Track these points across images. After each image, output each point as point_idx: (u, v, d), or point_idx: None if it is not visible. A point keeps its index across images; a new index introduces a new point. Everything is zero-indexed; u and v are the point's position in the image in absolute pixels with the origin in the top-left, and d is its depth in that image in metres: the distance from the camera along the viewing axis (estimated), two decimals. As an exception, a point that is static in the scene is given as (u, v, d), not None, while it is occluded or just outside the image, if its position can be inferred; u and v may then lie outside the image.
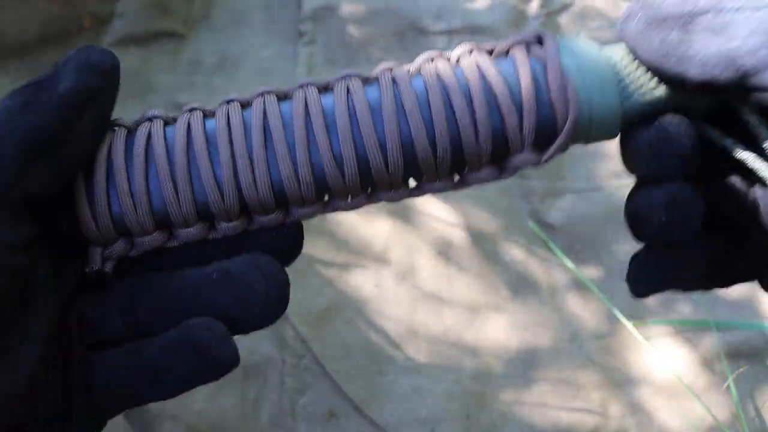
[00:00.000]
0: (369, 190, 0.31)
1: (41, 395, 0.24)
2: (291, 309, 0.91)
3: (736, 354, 0.86)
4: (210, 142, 0.27)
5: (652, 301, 0.93)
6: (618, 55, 0.27)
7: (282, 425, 0.82)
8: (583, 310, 0.93)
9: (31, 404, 0.23)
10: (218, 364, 0.28)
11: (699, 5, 0.22)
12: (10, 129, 0.23)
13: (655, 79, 0.26)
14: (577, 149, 1.19)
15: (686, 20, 0.22)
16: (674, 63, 0.23)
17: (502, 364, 0.88)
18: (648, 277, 0.27)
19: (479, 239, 1.00)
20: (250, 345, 0.88)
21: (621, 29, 0.25)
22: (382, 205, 1.11)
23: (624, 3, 1.34)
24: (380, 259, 0.99)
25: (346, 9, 1.33)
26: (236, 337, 0.99)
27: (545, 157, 0.28)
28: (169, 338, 0.28)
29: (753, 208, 0.26)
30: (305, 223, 0.32)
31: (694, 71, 0.22)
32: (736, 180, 0.27)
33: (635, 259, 0.28)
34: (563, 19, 1.32)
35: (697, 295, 0.91)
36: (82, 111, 0.24)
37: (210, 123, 0.28)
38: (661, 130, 0.25)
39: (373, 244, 1.00)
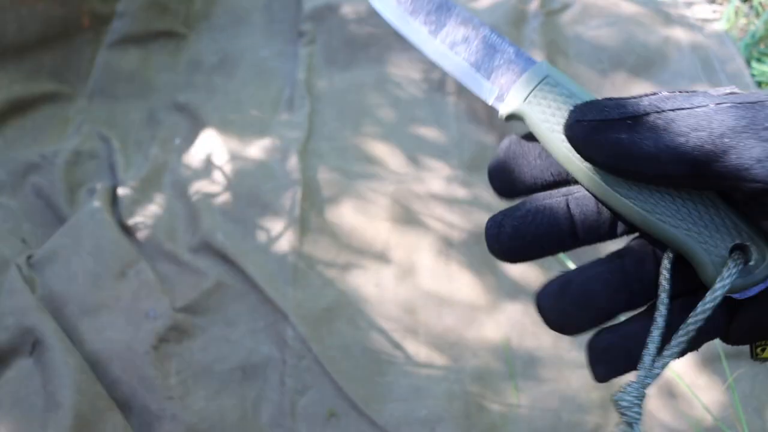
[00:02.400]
0: None
1: None
2: (291, 309, 0.91)
3: (736, 354, 0.86)
4: None
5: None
6: None
7: (282, 425, 0.82)
8: (583, 310, 0.93)
9: None
10: None
11: (641, 107, 0.24)
12: None
13: None
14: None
15: (632, 122, 0.24)
16: (628, 162, 0.25)
17: (502, 364, 0.88)
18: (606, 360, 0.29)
19: (479, 239, 1.00)
20: (250, 345, 0.88)
21: (569, 137, 0.26)
22: (382, 205, 1.11)
23: (624, 3, 1.34)
24: (380, 260, 0.99)
25: (346, 9, 1.33)
26: (236, 338, 0.99)
27: None
28: None
29: None
30: (306, 223, 0.32)
31: (648, 168, 0.24)
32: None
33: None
34: (563, 19, 1.32)
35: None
36: None
37: None
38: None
39: (373, 244, 1.00)
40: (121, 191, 1.05)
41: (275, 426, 0.82)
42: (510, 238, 0.28)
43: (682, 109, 0.24)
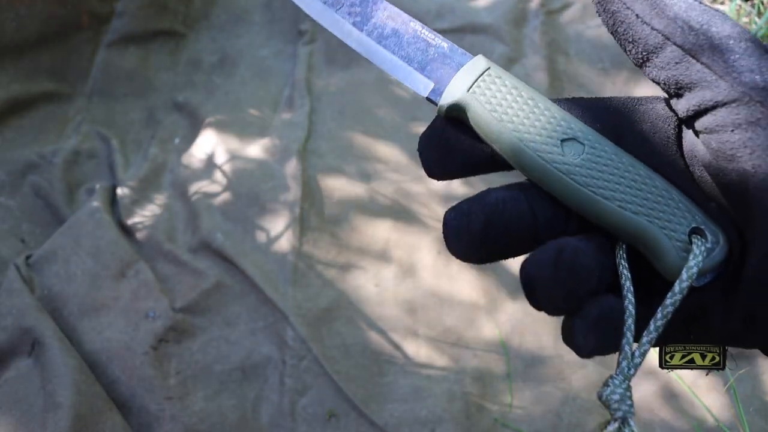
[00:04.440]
0: None
1: None
2: (291, 309, 0.90)
3: (736, 355, 0.86)
4: None
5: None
6: None
7: (282, 426, 0.82)
8: (584, 310, 0.92)
9: None
10: None
11: None
12: None
13: None
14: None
15: None
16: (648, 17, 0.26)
17: (502, 364, 0.88)
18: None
19: (479, 239, 1.00)
20: (250, 345, 0.88)
21: None
22: (382, 205, 1.11)
23: (624, 2, 1.34)
24: (380, 260, 0.99)
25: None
26: (236, 338, 0.99)
27: None
28: None
29: None
30: (306, 223, 0.31)
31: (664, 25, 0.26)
32: None
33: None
34: (564, 18, 1.32)
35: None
36: None
37: None
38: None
39: (373, 244, 1.00)
40: (121, 191, 1.04)
41: (275, 426, 0.82)
42: (482, 230, 0.27)
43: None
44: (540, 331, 0.91)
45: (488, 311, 0.93)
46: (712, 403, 0.84)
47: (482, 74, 0.29)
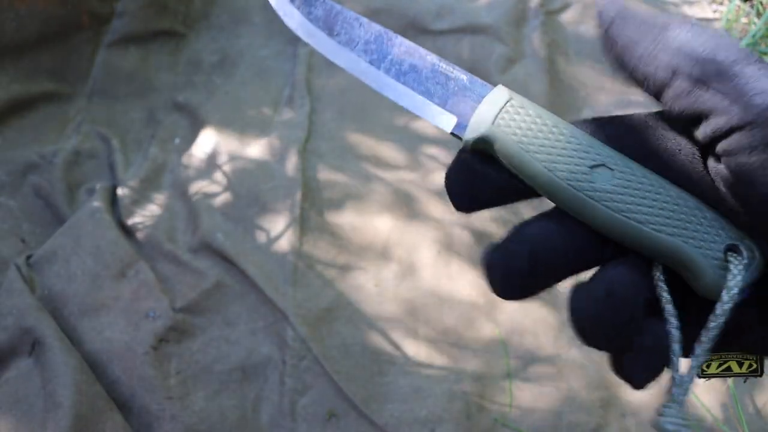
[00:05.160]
0: None
1: None
2: (291, 309, 0.90)
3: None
4: None
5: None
6: None
7: (282, 426, 0.82)
8: (584, 310, 0.93)
9: None
10: None
11: (669, 21, 0.26)
12: None
13: None
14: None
15: (663, 28, 0.26)
16: (626, 58, 0.27)
17: (502, 364, 0.88)
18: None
19: (480, 239, 1.00)
20: (250, 345, 0.88)
21: (601, 18, 0.28)
22: (382, 205, 1.11)
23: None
24: (381, 260, 0.99)
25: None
26: (236, 338, 0.99)
27: None
28: None
29: None
30: (306, 223, 0.32)
31: (643, 65, 0.27)
32: None
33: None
34: (564, 18, 1.32)
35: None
36: None
37: None
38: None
39: (373, 244, 1.00)
40: (121, 191, 1.05)
41: (275, 426, 0.82)
42: (528, 268, 0.27)
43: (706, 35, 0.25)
44: (540, 331, 0.91)
45: (488, 311, 0.93)
46: (712, 403, 0.84)
47: (505, 105, 0.29)
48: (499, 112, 0.29)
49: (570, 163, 0.28)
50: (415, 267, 0.98)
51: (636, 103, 1.17)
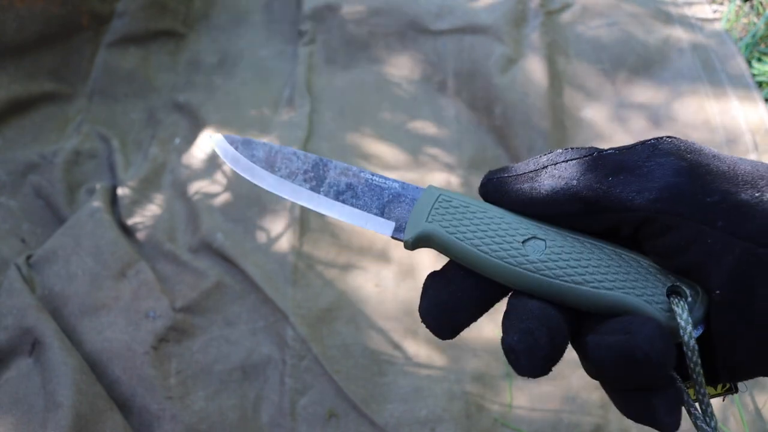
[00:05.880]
0: None
1: None
2: (291, 309, 0.90)
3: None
4: None
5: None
6: None
7: (282, 425, 0.82)
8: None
9: None
10: None
11: (540, 162, 0.30)
12: None
13: None
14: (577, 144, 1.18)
15: (533, 175, 0.29)
16: (533, 206, 0.29)
17: (502, 364, 0.88)
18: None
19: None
20: (250, 345, 0.88)
21: (482, 193, 0.31)
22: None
23: (624, 3, 1.34)
24: (380, 260, 0.99)
25: (346, 8, 1.32)
26: (236, 338, 0.99)
27: None
28: None
29: None
30: (306, 223, 0.32)
31: (549, 209, 0.29)
32: None
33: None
34: (564, 19, 1.32)
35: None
36: None
37: None
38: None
39: (373, 244, 1.00)
40: (121, 191, 1.05)
41: (275, 426, 0.82)
42: (550, 342, 0.28)
43: (573, 159, 0.29)
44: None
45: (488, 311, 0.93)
46: (712, 403, 0.84)
47: (435, 202, 0.32)
48: (431, 210, 0.32)
49: (502, 241, 0.30)
50: (415, 267, 0.98)
51: (635, 105, 1.17)
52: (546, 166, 0.29)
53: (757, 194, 0.26)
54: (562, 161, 0.29)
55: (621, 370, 0.26)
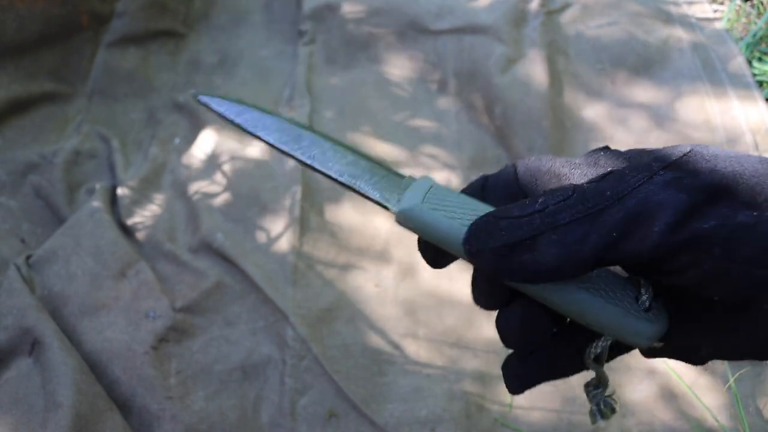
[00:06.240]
0: None
1: None
2: (291, 309, 0.90)
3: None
4: None
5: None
6: None
7: (282, 425, 0.82)
8: (584, 310, 0.92)
9: None
10: None
11: (535, 226, 0.27)
12: None
13: None
14: (579, 149, 1.17)
15: (530, 242, 0.27)
16: (539, 278, 0.28)
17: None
18: (519, 377, 0.34)
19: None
20: (250, 345, 0.88)
21: (477, 262, 0.29)
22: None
23: (624, 2, 1.34)
24: (380, 259, 0.99)
25: (347, 8, 1.32)
26: (236, 338, 0.99)
27: None
28: None
29: None
30: (306, 223, 0.32)
31: (556, 277, 0.28)
32: None
33: (505, 365, 0.33)
34: (564, 18, 1.32)
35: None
36: None
37: None
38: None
39: (373, 244, 1.00)
40: (121, 191, 1.04)
41: (275, 426, 0.82)
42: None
43: (575, 220, 0.27)
44: (540, 331, 0.91)
45: (488, 311, 0.93)
46: (712, 403, 0.84)
47: (429, 189, 0.32)
48: (426, 194, 0.33)
49: None
50: (415, 267, 0.98)
51: (636, 104, 1.17)
52: (543, 232, 0.27)
53: (755, 213, 0.26)
54: (561, 224, 0.27)
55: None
